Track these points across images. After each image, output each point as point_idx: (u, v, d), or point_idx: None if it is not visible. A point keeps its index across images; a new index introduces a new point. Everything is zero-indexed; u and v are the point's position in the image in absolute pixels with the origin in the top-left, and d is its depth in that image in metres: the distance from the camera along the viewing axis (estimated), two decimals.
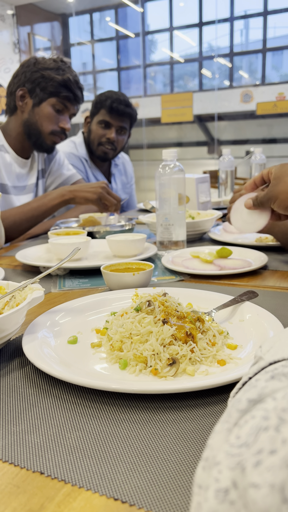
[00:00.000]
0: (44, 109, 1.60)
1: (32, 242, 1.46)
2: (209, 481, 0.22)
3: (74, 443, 0.41)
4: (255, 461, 0.20)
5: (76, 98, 1.64)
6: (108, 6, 8.06)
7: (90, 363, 0.56)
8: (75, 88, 1.62)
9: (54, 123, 1.62)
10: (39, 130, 1.62)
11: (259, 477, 0.20)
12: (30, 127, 1.62)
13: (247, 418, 0.23)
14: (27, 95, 1.61)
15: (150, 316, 0.58)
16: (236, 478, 0.21)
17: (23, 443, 0.42)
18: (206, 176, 1.74)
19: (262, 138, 7.36)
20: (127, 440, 0.42)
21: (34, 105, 1.60)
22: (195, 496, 0.23)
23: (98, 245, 1.29)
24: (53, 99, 1.59)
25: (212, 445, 0.24)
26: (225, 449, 0.22)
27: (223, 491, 0.21)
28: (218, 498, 0.21)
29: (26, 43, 7.48)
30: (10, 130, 1.66)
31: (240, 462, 0.21)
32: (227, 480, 0.21)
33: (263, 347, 0.31)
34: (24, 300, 0.64)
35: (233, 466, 0.21)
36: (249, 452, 0.21)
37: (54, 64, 1.60)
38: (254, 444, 0.21)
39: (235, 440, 0.22)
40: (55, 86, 1.58)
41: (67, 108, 1.63)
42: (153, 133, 7.95)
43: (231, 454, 0.22)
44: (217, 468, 0.22)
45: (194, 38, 7.72)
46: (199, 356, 0.55)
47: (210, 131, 7.65)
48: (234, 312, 0.70)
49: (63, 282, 0.98)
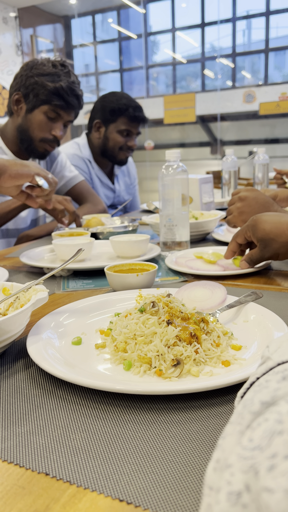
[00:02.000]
0: (36, 116, 1.58)
1: (36, 244, 1.47)
2: (221, 483, 0.22)
3: (79, 444, 0.41)
4: (269, 465, 0.20)
5: (69, 106, 1.60)
6: (110, 8, 8.08)
7: (94, 364, 0.56)
8: (69, 96, 1.58)
9: (46, 131, 1.59)
10: (30, 137, 1.60)
11: (272, 482, 0.19)
12: (23, 132, 1.61)
13: (260, 421, 0.23)
14: (22, 100, 1.59)
15: (155, 317, 0.58)
16: (249, 481, 0.21)
17: (28, 444, 0.42)
18: (209, 176, 1.74)
19: (265, 138, 7.36)
20: (132, 441, 0.41)
21: (27, 111, 1.58)
22: (205, 498, 0.23)
23: (101, 246, 1.29)
24: (45, 106, 1.56)
25: (224, 447, 0.24)
26: (238, 451, 0.22)
27: (236, 494, 0.21)
28: (230, 501, 0.21)
29: (29, 45, 7.51)
30: (8, 132, 1.66)
31: (253, 465, 0.21)
32: (239, 483, 0.21)
33: (271, 347, 0.31)
34: (28, 301, 0.64)
35: (246, 469, 0.21)
36: (262, 456, 0.21)
37: (52, 69, 1.56)
38: (267, 448, 0.21)
39: (247, 443, 0.22)
40: (47, 94, 1.54)
41: (60, 116, 1.60)
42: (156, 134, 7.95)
43: (243, 457, 0.22)
44: (229, 470, 0.22)
45: (196, 39, 7.73)
46: (203, 357, 0.54)
47: (213, 132, 7.65)
48: (238, 312, 0.70)
49: (67, 283, 0.98)
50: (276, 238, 0.90)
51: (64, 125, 1.65)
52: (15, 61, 7.17)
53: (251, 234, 0.94)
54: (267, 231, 0.91)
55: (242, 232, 0.97)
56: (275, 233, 0.90)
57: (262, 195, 1.19)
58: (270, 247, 0.91)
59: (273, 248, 0.91)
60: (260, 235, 0.92)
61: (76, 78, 1.63)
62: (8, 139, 1.66)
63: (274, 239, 0.90)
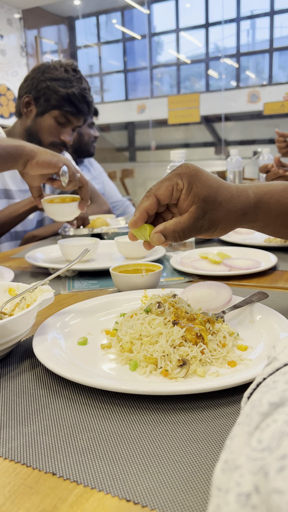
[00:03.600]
0: (46, 120, 1.58)
1: (41, 244, 1.47)
2: (230, 484, 0.22)
3: (86, 444, 0.41)
4: (279, 467, 0.20)
5: (80, 113, 1.60)
6: (115, 9, 8.09)
7: (100, 364, 0.56)
8: (80, 103, 1.58)
9: (55, 135, 1.60)
10: (39, 140, 1.61)
11: (283, 483, 0.19)
12: (31, 135, 1.62)
13: (269, 422, 0.23)
14: (32, 103, 1.60)
15: (160, 318, 0.58)
16: (258, 483, 0.21)
17: (35, 444, 0.42)
18: None
19: (270, 138, 7.33)
20: (139, 441, 0.42)
21: (37, 115, 1.59)
22: (213, 498, 0.23)
23: (106, 246, 1.30)
24: (56, 111, 1.57)
25: (232, 448, 0.24)
26: (247, 453, 0.22)
27: (245, 495, 0.21)
28: (239, 502, 0.21)
29: (33, 46, 7.53)
30: (15, 134, 1.67)
31: (263, 466, 0.21)
32: (249, 485, 0.21)
33: (277, 348, 0.31)
34: (34, 301, 0.64)
35: (255, 471, 0.21)
36: (272, 457, 0.21)
37: (64, 74, 1.57)
38: (277, 449, 0.21)
39: (256, 444, 0.22)
40: (58, 99, 1.55)
41: (69, 121, 1.60)
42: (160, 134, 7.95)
43: (253, 458, 0.22)
44: (238, 471, 0.22)
45: (200, 39, 7.72)
46: (209, 358, 0.54)
47: (217, 132, 7.64)
48: (244, 313, 0.70)
49: (72, 284, 0.99)
50: (224, 202, 0.60)
51: (73, 130, 1.65)
52: (20, 63, 7.19)
53: (185, 186, 0.60)
54: (213, 188, 0.60)
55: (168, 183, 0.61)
56: (224, 196, 0.61)
57: None
58: (211, 214, 0.60)
59: (217, 216, 0.60)
60: (204, 192, 0.59)
61: (87, 84, 1.63)
62: None
63: (222, 203, 0.60)
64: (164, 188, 0.60)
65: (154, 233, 0.61)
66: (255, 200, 0.63)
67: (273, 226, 0.67)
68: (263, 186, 0.65)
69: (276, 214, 0.65)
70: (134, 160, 8.70)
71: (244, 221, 0.64)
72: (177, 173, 0.61)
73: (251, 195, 0.63)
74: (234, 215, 0.62)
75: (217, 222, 0.61)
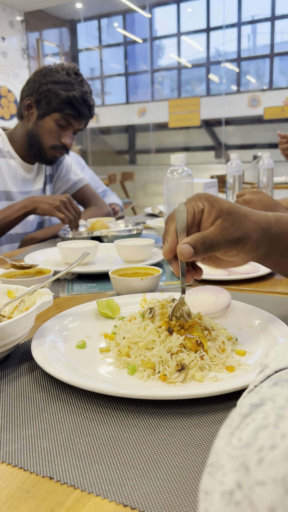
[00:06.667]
0: (47, 123, 1.59)
1: (41, 246, 1.47)
2: (214, 485, 0.22)
3: (83, 448, 0.41)
4: (257, 459, 0.21)
5: (81, 116, 1.61)
6: (116, 12, 8.12)
7: (98, 368, 0.56)
8: (81, 106, 1.58)
9: (56, 138, 1.61)
10: (40, 143, 1.61)
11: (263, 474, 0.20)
12: (32, 138, 1.62)
13: (248, 421, 0.23)
14: (33, 106, 1.60)
15: (152, 324, 0.58)
16: (240, 478, 0.21)
17: (33, 448, 0.42)
18: (214, 181, 1.74)
19: (269, 143, 7.35)
20: (136, 445, 0.41)
21: (38, 117, 1.59)
22: (202, 503, 0.23)
23: (106, 249, 1.30)
24: (57, 114, 1.57)
25: (216, 450, 0.24)
26: (228, 452, 0.23)
27: (228, 493, 0.21)
28: (223, 500, 0.21)
29: (35, 48, 7.55)
30: (17, 136, 1.67)
31: (243, 462, 0.21)
32: (231, 482, 0.21)
33: (269, 356, 0.31)
34: (33, 304, 0.64)
35: (236, 468, 0.22)
36: (250, 451, 0.21)
37: (66, 77, 1.57)
38: (255, 443, 0.22)
39: (237, 442, 0.23)
40: (60, 102, 1.55)
41: (70, 124, 1.61)
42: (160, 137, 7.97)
43: (234, 456, 0.22)
44: (221, 471, 0.22)
45: (201, 43, 7.75)
46: (208, 364, 0.54)
47: (217, 136, 7.66)
48: (243, 318, 0.70)
49: (71, 287, 0.99)
50: (248, 214, 0.61)
51: (74, 133, 1.66)
52: (21, 65, 7.21)
53: (206, 205, 0.60)
54: (233, 204, 0.61)
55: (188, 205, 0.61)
56: (245, 209, 0.61)
57: (267, 197, 1.19)
58: (239, 224, 0.59)
59: (245, 226, 0.59)
60: (226, 206, 0.59)
61: (88, 87, 1.63)
62: (17, 143, 1.67)
63: (246, 215, 0.60)
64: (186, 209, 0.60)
65: (182, 244, 0.57)
66: (274, 218, 0.63)
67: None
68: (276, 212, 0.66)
69: None
70: (134, 163, 8.71)
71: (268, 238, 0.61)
72: (192, 198, 0.61)
73: (269, 214, 0.64)
74: (260, 227, 0.60)
75: (246, 232, 0.59)
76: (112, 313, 0.73)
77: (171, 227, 0.60)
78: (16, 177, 1.65)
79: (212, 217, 0.59)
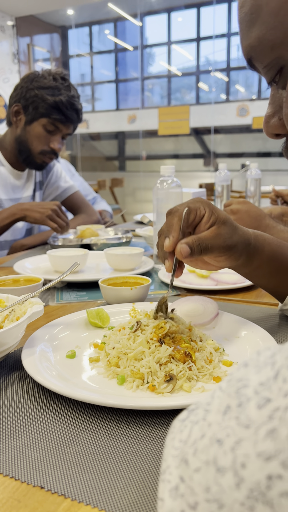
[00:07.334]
0: (35, 129, 1.59)
1: (30, 253, 1.47)
2: (164, 487, 0.24)
3: (74, 458, 0.42)
4: (193, 451, 0.23)
5: (68, 120, 1.61)
6: (107, 20, 8.17)
7: (88, 378, 0.57)
8: (68, 110, 1.59)
9: (44, 143, 1.61)
10: (29, 148, 1.62)
11: (197, 461, 0.22)
12: (21, 144, 1.63)
13: (187, 423, 0.26)
14: (21, 112, 1.61)
15: (143, 336, 0.60)
16: (182, 473, 0.23)
17: (24, 457, 0.42)
18: (202, 190, 1.76)
19: (257, 152, 7.45)
20: (126, 455, 0.43)
21: (26, 123, 1.60)
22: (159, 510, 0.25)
23: (95, 257, 1.31)
24: (44, 119, 1.58)
25: (164, 457, 0.26)
26: (171, 453, 0.25)
27: (175, 489, 0.23)
28: (171, 496, 0.23)
29: (25, 53, 7.55)
30: (6, 143, 1.68)
31: (183, 457, 0.24)
32: (176, 478, 0.24)
33: None
34: (24, 314, 0.65)
35: (177, 464, 0.24)
36: (186, 446, 0.24)
37: (52, 82, 1.58)
38: (189, 438, 0.24)
39: (178, 443, 0.25)
40: (46, 107, 1.56)
41: (58, 129, 1.61)
42: (150, 144, 8.01)
43: (175, 455, 0.25)
44: (168, 471, 0.25)
45: (191, 52, 7.84)
46: (196, 374, 0.56)
47: (206, 144, 7.73)
48: (230, 328, 0.72)
49: (61, 295, 0.99)
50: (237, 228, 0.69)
51: (62, 138, 1.66)
52: (12, 69, 7.21)
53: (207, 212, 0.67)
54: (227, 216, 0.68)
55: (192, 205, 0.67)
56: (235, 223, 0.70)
57: (255, 208, 1.21)
58: (232, 234, 0.67)
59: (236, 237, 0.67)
60: (223, 216, 0.67)
61: (76, 92, 1.64)
62: (7, 150, 1.67)
63: (236, 228, 0.68)
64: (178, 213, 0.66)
65: (180, 244, 0.63)
66: (253, 235, 0.71)
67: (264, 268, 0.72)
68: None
69: (267, 257, 0.71)
70: (124, 170, 8.74)
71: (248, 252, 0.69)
72: (195, 201, 0.68)
73: (250, 231, 0.72)
74: (244, 241, 0.68)
75: (236, 242, 0.67)
76: (101, 323, 0.74)
77: (175, 223, 0.66)
78: (6, 184, 1.66)
79: (209, 224, 0.66)
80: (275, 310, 0.85)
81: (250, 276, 0.75)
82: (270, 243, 0.73)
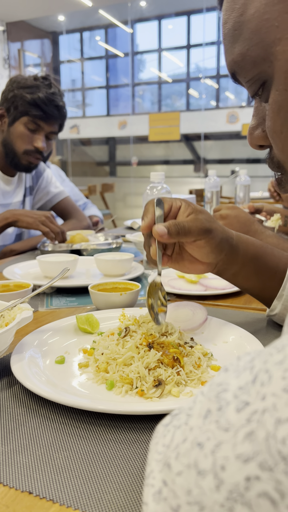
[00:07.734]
0: (17, 128, 1.59)
1: (20, 259, 1.47)
2: (148, 491, 0.25)
3: (62, 463, 0.42)
4: (175, 455, 0.24)
5: (49, 117, 1.60)
6: (98, 26, 8.21)
7: (77, 384, 0.57)
8: (47, 106, 1.58)
9: (28, 142, 1.61)
10: (14, 150, 1.61)
11: (179, 465, 0.23)
12: (6, 146, 1.62)
13: (170, 428, 0.26)
14: (5, 115, 1.62)
15: (132, 341, 0.60)
16: (165, 477, 0.24)
17: (12, 463, 0.43)
18: (192, 197, 1.78)
19: (247, 158, 7.52)
20: (115, 460, 0.43)
21: (9, 124, 1.61)
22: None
23: (85, 262, 1.31)
24: (25, 118, 1.58)
25: (148, 462, 0.27)
26: (155, 458, 0.26)
27: (158, 493, 0.24)
28: (155, 500, 0.24)
29: (16, 59, 7.56)
30: None
31: (166, 461, 0.24)
32: (159, 482, 0.24)
33: None
34: (13, 320, 0.65)
35: (161, 468, 0.25)
36: (169, 450, 0.25)
37: (32, 82, 1.58)
38: (172, 443, 0.25)
39: (161, 448, 0.26)
40: (25, 105, 1.56)
41: (40, 127, 1.61)
42: (140, 150, 8.04)
43: (158, 460, 0.25)
44: (152, 475, 0.25)
45: (182, 59, 7.90)
46: (184, 379, 0.56)
47: (196, 150, 7.78)
48: (218, 333, 0.73)
49: (50, 301, 0.99)
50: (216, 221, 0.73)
51: (48, 138, 1.65)
52: (2, 74, 7.21)
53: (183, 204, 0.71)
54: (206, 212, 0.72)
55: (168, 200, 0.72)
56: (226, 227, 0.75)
57: (244, 213, 1.22)
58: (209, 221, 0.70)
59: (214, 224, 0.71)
60: (199, 207, 0.72)
61: (58, 89, 1.63)
62: None
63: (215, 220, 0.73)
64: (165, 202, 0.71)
65: (157, 225, 0.67)
66: (236, 234, 0.74)
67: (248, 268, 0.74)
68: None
69: (251, 255, 0.74)
70: (114, 175, 8.75)
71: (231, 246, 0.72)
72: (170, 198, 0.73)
73: (232, 231, 0.75)
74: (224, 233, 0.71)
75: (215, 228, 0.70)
76: (91, 328, 0.74)
77: (151, 209, 0.71)
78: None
79: (187, 213, 0.70)
80: (263, 315, 0.86)
81: (236, 278, 0.76)
82: (254, 243, 0.75)
